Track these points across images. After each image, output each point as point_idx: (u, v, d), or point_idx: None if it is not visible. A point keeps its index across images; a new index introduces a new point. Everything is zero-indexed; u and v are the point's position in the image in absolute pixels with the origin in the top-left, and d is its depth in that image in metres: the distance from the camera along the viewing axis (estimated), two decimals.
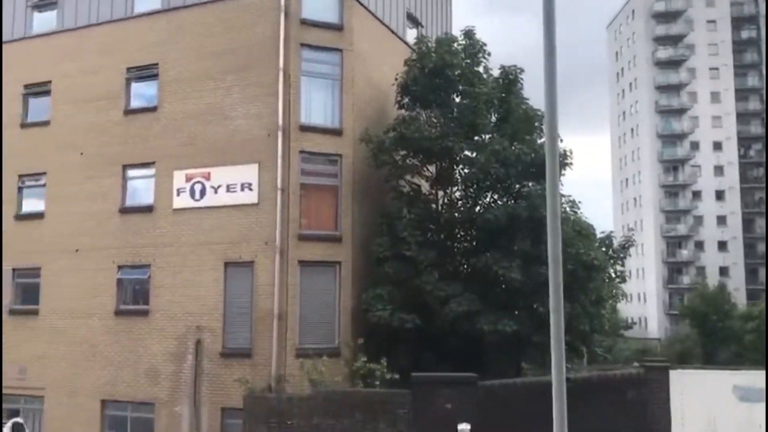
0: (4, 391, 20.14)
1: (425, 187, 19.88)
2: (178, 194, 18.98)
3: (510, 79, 19.70)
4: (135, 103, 20.14)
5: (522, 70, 19.92)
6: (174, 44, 19.63)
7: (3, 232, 20.89)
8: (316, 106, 18.60)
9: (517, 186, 18.83)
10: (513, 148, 18.17)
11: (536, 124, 19.19)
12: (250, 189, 18.10)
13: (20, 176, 21.24)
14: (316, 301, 17.80)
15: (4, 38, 21.97)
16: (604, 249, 19.70)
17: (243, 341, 17.73)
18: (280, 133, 17.69)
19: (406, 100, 19.29)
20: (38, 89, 21.51)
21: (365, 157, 18.60)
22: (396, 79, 19.15)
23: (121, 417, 18.96)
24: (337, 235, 18.07)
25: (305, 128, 18.06)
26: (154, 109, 19.72)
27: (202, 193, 18.66)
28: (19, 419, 18.60)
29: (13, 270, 20.88)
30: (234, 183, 18.31)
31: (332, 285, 17.94)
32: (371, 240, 18.31)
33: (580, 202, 19.71)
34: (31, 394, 20.02)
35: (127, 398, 18.76)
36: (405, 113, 19.12)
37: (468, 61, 19.32)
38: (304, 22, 18.36)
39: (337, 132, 18.41)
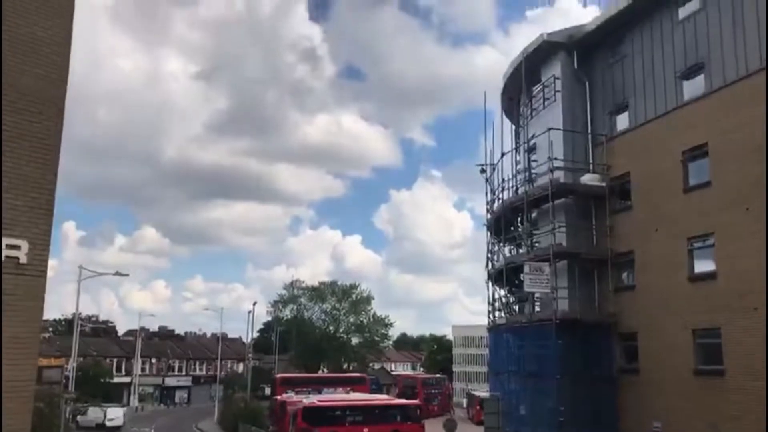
0: None
1: None
2: None
3: None
4: None
5: None
6: None
7: (677, 295, 21.75)
8: None
9: None
10: None
11: None
12: None
13: (689, 239, 21.91)
14: None
15: (658, 112, 23.60)
16: None
17: None
18: None
19: None
20: (696, 152, 22.14)
21: None
22: None
23: None
24: None
25: None
26: None
27: None
28: None
29: (693, 331, 21.37)
30: None
31: None
32: None
33: None
34: None
35: None
36: None
37: None
38: None
39: None
